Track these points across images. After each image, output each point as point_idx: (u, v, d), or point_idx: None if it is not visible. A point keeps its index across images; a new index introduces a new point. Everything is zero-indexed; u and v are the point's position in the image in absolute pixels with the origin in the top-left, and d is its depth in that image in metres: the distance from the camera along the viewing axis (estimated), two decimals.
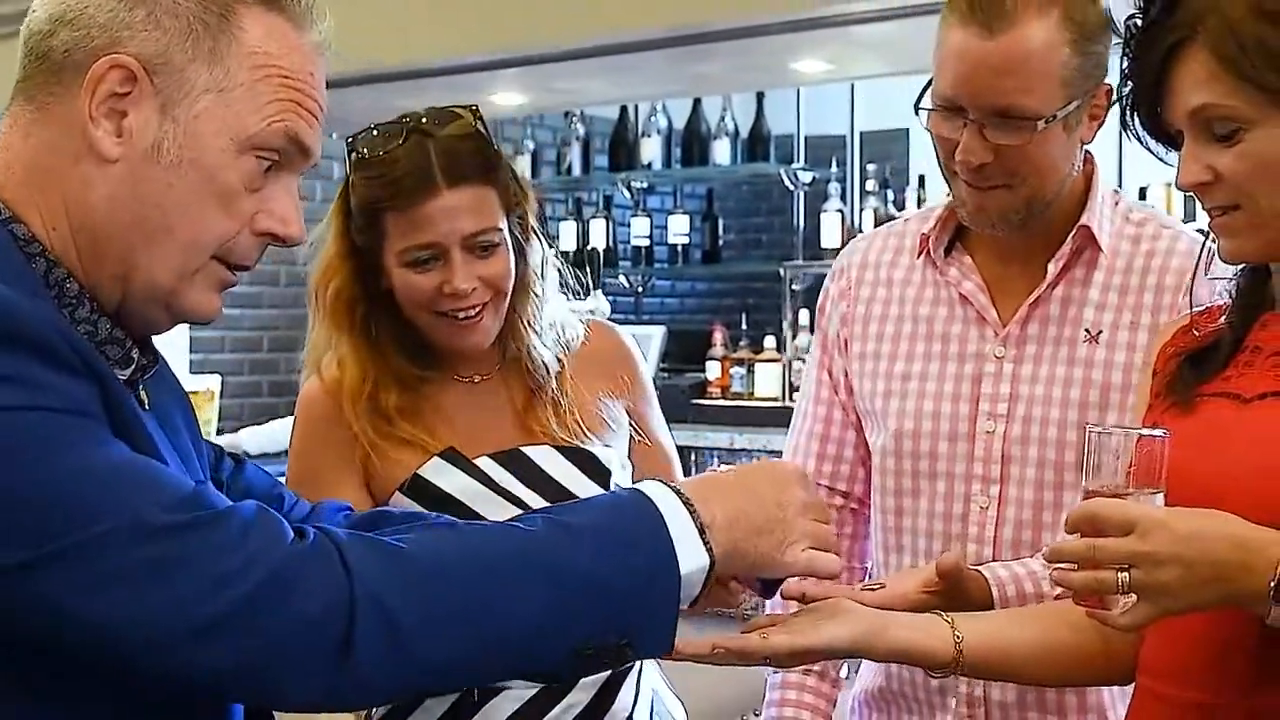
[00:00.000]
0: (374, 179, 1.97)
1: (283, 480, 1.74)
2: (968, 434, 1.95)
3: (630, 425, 2.13)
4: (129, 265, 1.28)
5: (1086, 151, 1.92)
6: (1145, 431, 1.45)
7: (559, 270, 2.14)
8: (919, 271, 2.04)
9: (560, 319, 2.12)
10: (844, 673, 2.06)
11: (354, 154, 2.00)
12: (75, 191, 1.27)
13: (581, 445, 2.04)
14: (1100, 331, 1.90)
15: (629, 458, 2.12)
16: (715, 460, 5.35)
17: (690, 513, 1.32)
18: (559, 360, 2.09)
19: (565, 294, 2.15)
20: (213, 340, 5.64)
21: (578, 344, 2.12)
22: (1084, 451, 1.45)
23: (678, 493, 1.33)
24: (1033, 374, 1.93)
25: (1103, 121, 1.87)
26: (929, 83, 1.86)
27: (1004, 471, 1.93)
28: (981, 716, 1.94)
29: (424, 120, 1.98)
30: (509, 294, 2.02)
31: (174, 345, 5.33)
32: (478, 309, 1.98)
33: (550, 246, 2.13)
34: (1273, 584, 1.34)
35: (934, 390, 1.98)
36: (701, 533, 1.32)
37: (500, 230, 1.98)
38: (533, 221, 2.06)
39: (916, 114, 1.87)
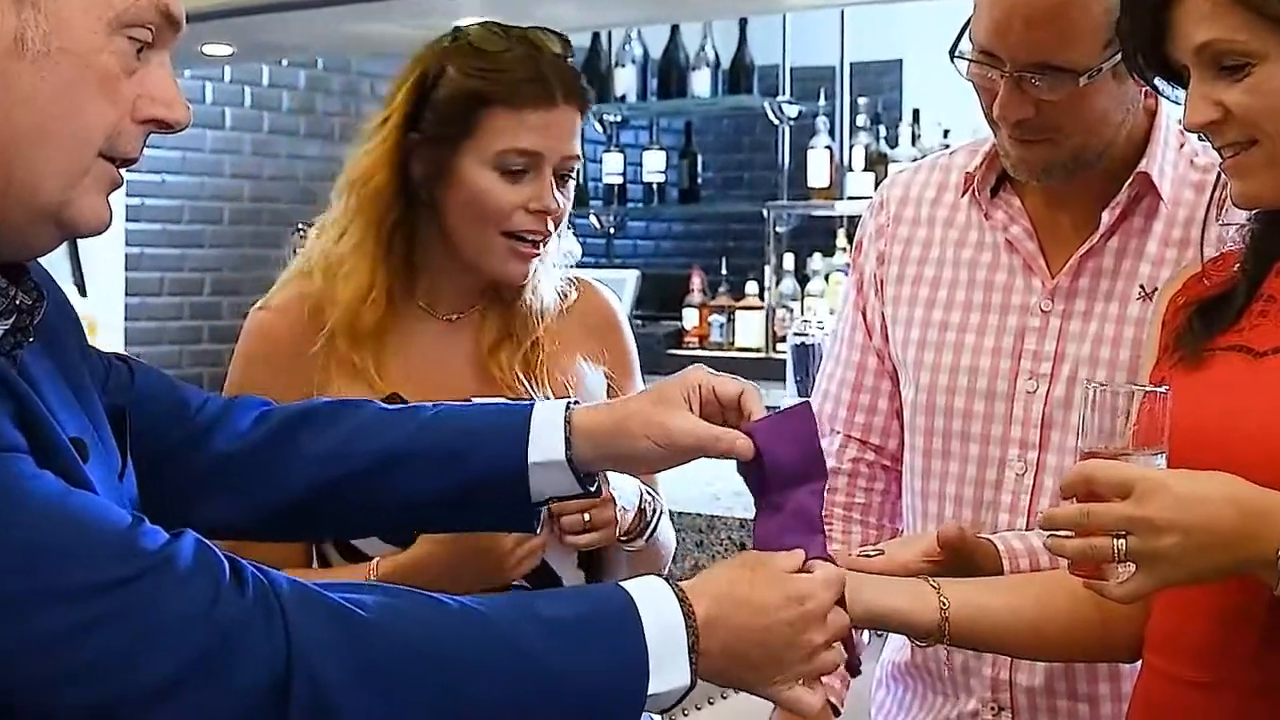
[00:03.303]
0: (487, 71, 1.97)
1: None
2: (1006, 393, 1.93)
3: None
4: (6, 179, 1.20)
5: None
6: (1146, 388, 1.45)
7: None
8: (963, 212, 2.01)
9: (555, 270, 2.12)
10: (865, 637, 2.06)
11: (460, 42, 2.00)
12: None
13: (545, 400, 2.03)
14: (1156, 289, 1.83)
15: None
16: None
17: (689, 630, 1.31)
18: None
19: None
20: (149, 283, 5.62)
21: (569, 301, 2.12)
22: (1080, 409, 1.46)
23: (682, 603, 1.32)
24: (1081, 331, 1.90)
25: None
26: (967, 24, 1.82)
27: (1043, 436, 1.91)
28: (1007, 701, 1.93)
29: (530, 34, 2.01)
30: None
31: (107, 289, 5.31)
32: (543, 238, 2.00)
33: None
34: None
35: (972, 343, 1.96)
36: (691, 652, 1.31)
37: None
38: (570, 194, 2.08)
39: (953, 61, 1.84)
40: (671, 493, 2.17)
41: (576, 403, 1.63)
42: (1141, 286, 1.88)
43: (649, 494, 2.03)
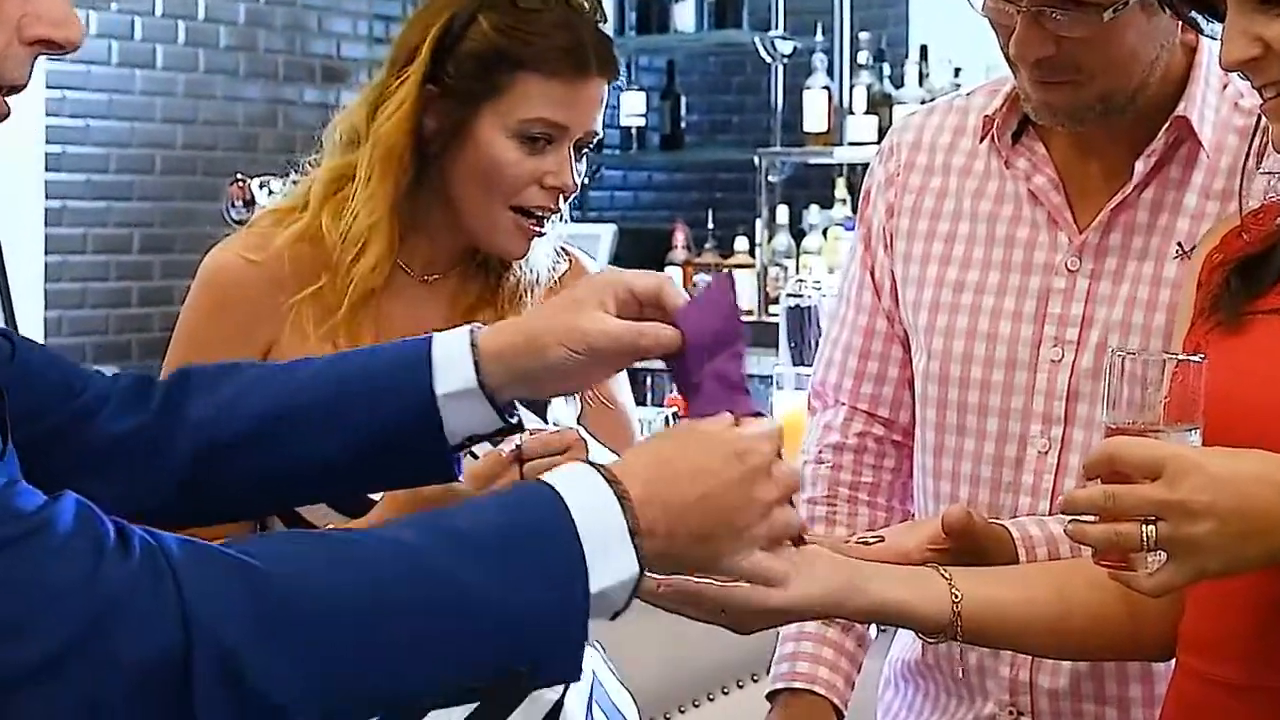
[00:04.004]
0: (523, 31, 1.99)
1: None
2: (1029, 362, 1.92)
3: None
4: None
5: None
6: (1179, 356, 1.45)
7: None
8: (982, 159, 2.00)
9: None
10: (873, 634, 2.06)
11: None
12: None
13: None
14: (1195, 246, 1.81)
15: (578, 421, 2.12)
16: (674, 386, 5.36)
17: (624, 511, 1.30)
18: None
19: None
20: (72, 239, 5.59)
21: (558, 272, 2.14)
22: (1105, 380, 1.45)
23: (613, 484, 1.30)
24: (1111, 293, 1.89)
25: None
26: None
27: (1069, 410, 1.90)
28: (1027, 705, 1.93)
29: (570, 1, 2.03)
30: None
31: (23, 246, 5.28)
32: (551, 215, 2.04)
33: None
34: None
35: (991, 306, 1.95)
36: (633, 536, 1.29)
37: None
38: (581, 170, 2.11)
39: None
40: None
41: (481, 325, 1.61)
42: (1179, 244, 1.87)
43: None
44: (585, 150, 2.06)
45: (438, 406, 1.55)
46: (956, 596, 1.59)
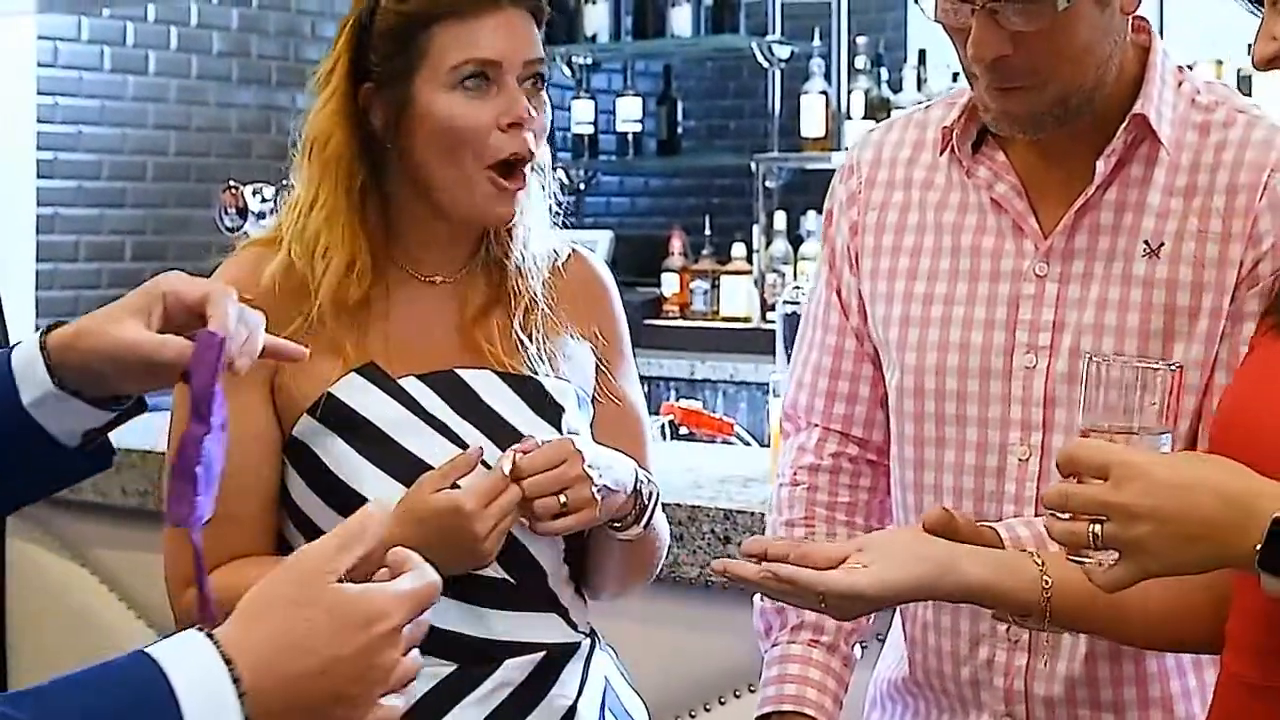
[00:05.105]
0: None
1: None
2: (1003, 370, 1.92)
3: (596, 383, 2.13)
4: None
5: (1139, 19, 1.90)
6: (1153, 364, 1.48)
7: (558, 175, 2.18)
8: (943, 171, 2.01)
9: (549, 236, 2.14)
10: (857, 652, 2.06)
11: None
12: None
13: (531, 375, 2.05)
14: (1162, 243, 1.86)
15: (591, 425, 2.12)
16: (671, 393, 5.36)
17: (240, 700, 1.22)
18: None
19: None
20: (64, 246, 5.59)
21: (561, 261, 2.14)
22: (1081, 384, 1.48)
23: (228, 665, 1.23)
24: (1081, 296, 1.90)
25: None
26: None
27: (1047, 416, 1.90)
28: (1023, 714, 1.93)
29: None
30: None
31: (15, 253, 5.28)
32: (525, 159, 2.01)
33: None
34: (1259, 548, 1.35)
35: (961, 316, 1.95)
36: (243, 701, 1.22)
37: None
38: (546, 105, 2.09)
39: (917, 1, 1.85)
40: None
41: (55, 326, 1.61)
42: (1146, 243, 1.88)
43: (646, 477, 2.04)
44: (540, 83, 2.04)
45: (31, 416, 1.57)
46: (1047, 583, 1.62)
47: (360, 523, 1.34)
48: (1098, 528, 1.38)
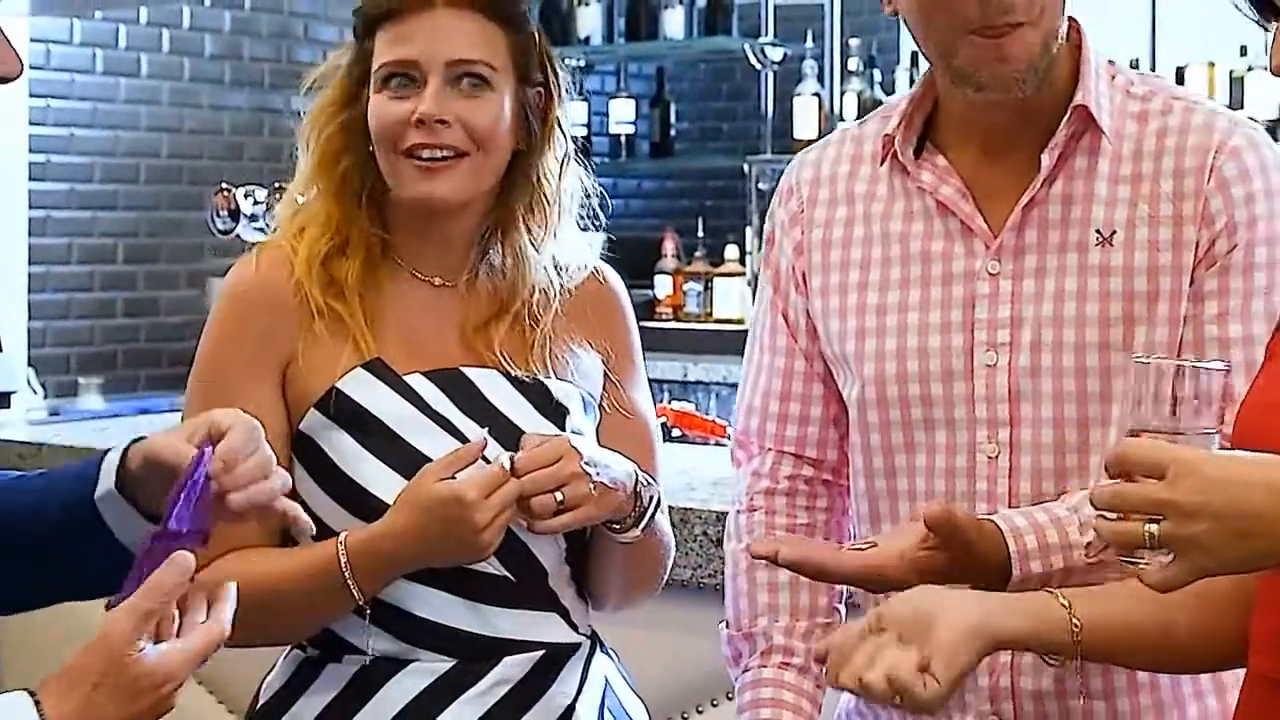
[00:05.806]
0: None
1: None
2: (965, 371, 1.93)
3: (604, 392, 2.14)
4: None
5: (1070, 18, 1.92)
6: (1201, 363, 1.48)
7: (584, 185, 2.23)
8: (884, 182, 2.02)
9: (569, 245, 2.17)
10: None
11: None
12: None
13: (536, 377, 2.06)
14: (1114, 231, 1.88)
15: (597, 429, 2.13)
16: (664, 395, 5.36)
17: None
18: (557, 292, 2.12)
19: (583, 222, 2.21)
20: (56, 249, 5.59)
21: (576, 283, 2.15)
22: (1128, 383, 1.48)
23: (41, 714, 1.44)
24: (1036, 290, 1.91)
25: None
26: None
27: (1013, 412, 1.91)
28: (1009, 712, 1.93)
29: None
30: (493, 155, 2.06)
31: (6, 256, 5.28)
32: (447, 154, 2.02)
33: (577, 163, 2.22)
34: None
35: (917, 322, 1.96)
36: None
37: (496, 72, 2.05)
38: (557, 112, 2.16)
39: None
40: None
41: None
42: (1098, 231, 1.90)
43: (646, 478, 2.05)
44: (478, 83, 2.04)
45: (97, 509, 1.67)
46: (1077, 625, 1.62)
47: (158, 580, 1.50)
48: (1154, 527, 1.38)
